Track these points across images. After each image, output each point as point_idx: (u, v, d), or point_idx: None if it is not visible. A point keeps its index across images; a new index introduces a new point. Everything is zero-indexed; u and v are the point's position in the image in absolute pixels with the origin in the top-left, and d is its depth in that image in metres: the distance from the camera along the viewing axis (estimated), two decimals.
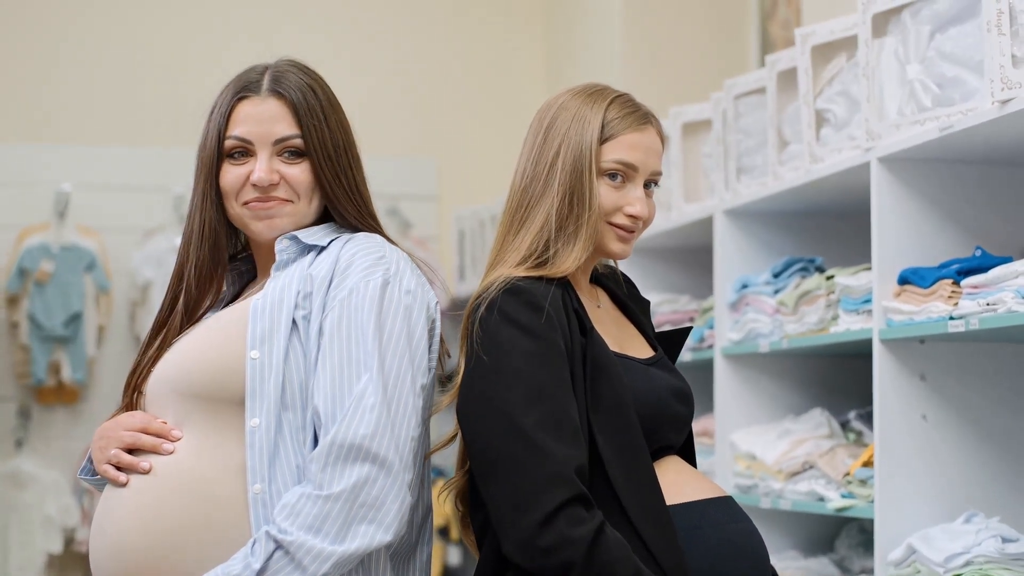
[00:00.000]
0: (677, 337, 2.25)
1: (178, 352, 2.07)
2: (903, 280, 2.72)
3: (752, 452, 3.32)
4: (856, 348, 3.06)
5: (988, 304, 2.46)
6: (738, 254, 3.51)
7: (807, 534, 3.46)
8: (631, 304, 2.21)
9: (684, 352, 3.69)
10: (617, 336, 2.11)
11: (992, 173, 2.82)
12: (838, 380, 3.47)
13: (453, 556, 5.62)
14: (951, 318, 2.56)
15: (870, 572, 3.12)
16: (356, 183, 2.13)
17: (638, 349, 2.13)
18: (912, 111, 2.70)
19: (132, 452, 2.02)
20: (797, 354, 3.42)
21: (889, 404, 2.76)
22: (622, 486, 1.93)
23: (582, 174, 2.03)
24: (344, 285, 2.00)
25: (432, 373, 2.08)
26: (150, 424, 2.03)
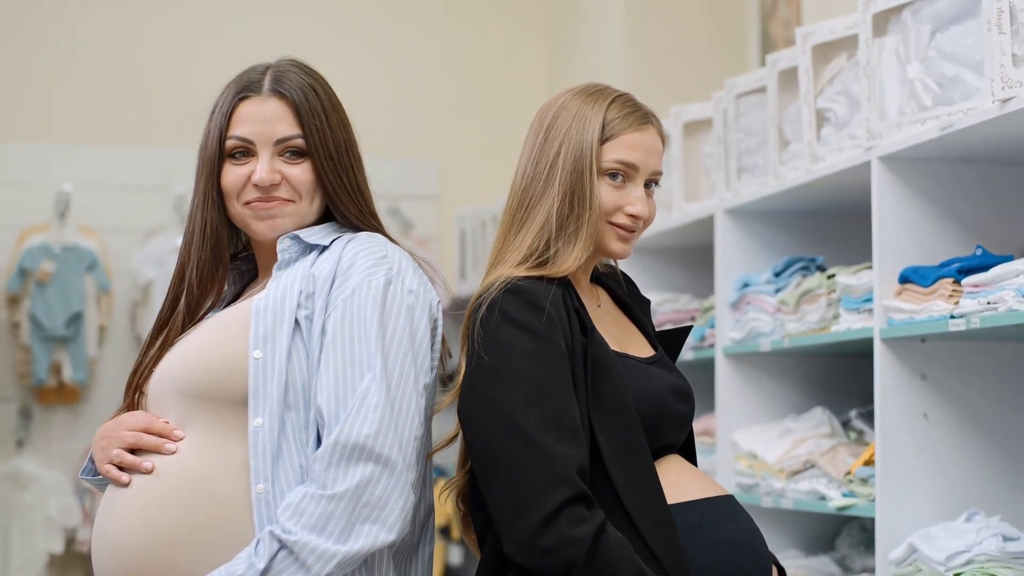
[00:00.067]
0: (677, 336, 2.25)
1: (180, 352, 2.07)
2: (904, 279, 2.72)
3: (753, 451, 3.32)
4: (857, 347, 3.06)
5: (989, 303, 2.46)
6: (739, 253, 3.50)
7: (808, 533, 3.46)
8: (631, 303, 2.21)
9: (685, 351, 3.69)
10: (618, 335, 2.11)
11: (992, 172, 2.82)
12: (839, 379, 3.47)
13: (454, 555, 5.62)
14: (952, 317, 2.56)
15: (871, 571, 3.12)
16: (357, 182, 2.12)
17: (638, 348, 2.13)
18: (912, 110, 2.70)
19: (134, 452, 2.02)
20: (798, 353, 3.42)
21: (890, 403, 2.76)
22: (623, 485, 1.93)
23: (583, 174, 2.03)
24: (347, 285, 2.00)
25: (434, 372, 2.08)
26: (152, 424, 2.03)
